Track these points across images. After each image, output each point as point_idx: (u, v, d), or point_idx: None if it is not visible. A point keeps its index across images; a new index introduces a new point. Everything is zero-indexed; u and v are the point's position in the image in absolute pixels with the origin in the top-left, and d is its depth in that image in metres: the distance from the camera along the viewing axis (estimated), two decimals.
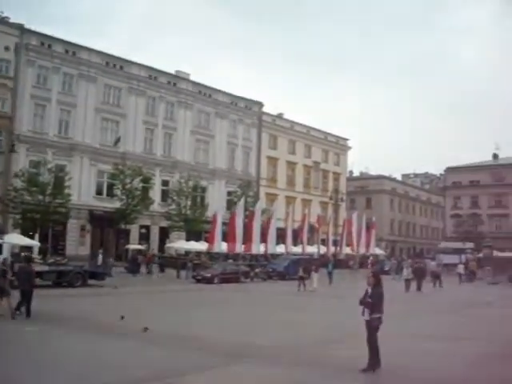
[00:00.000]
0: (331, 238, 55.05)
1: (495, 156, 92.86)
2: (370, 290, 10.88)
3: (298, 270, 33.94)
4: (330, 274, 40.21)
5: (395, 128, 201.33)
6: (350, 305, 12.25)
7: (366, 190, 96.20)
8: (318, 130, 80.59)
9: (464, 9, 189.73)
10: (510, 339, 15.57)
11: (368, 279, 11.16)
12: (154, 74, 60.38)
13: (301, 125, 77.64)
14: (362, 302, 10.83)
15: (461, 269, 46.04)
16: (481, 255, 61.31)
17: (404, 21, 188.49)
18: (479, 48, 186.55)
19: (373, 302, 10.69)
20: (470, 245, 68.12)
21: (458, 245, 67.83)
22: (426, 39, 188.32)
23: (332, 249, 55.18)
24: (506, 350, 13.69)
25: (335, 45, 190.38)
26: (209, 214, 52.91)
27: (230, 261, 45.00)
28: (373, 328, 10.64)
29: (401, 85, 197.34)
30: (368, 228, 60.69)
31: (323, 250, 53.45)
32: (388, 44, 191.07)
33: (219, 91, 66.86)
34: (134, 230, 55.35)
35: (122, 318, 16.64)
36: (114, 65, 57.23)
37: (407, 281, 33.71)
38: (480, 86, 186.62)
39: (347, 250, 57.51)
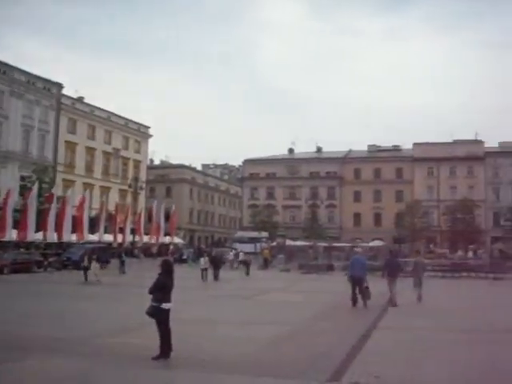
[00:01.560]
0: (129, 226, 54.47)
1: (291, 150, 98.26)
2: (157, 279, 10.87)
3: (83, 259, 33.14)
4: (123, 262, 39.68)
5: (198, 119, 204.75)
6: (142, 293, 12.10)
7: (166, 178, 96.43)
8: (119, 116, 79.12)
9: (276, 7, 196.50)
10: (301, 322, 16.31)
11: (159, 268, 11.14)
12: None
13: (101, 110, 75.69)
14: (150, 291, 10.75)
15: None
16: (275, 244, 64.23)
17: (220, 14, 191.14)
18: (278, 44, 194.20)
19: (156, 291, 10.65)
20: (265, 234, 71.28)
21: (254, 234, 70.73)
22: (235, 32, 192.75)
23: (130, 237, 54.70)
24: (295, 333, 14.42)
25: (143, 32, 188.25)
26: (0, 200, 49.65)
27: (22, 250, 42.76)
28: (159, 316, 10.56)
29: (203, 75, 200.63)
30: (168, 217, 61.06)
31: (121, 238, 52.70)
32: (200, 35, 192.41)
33: (15, 68, 62.58)
34: None
35: None
36: None
37: (203, 270, 34.23)
38: (281, 84, 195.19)
39: (147, 239, 57.41)
